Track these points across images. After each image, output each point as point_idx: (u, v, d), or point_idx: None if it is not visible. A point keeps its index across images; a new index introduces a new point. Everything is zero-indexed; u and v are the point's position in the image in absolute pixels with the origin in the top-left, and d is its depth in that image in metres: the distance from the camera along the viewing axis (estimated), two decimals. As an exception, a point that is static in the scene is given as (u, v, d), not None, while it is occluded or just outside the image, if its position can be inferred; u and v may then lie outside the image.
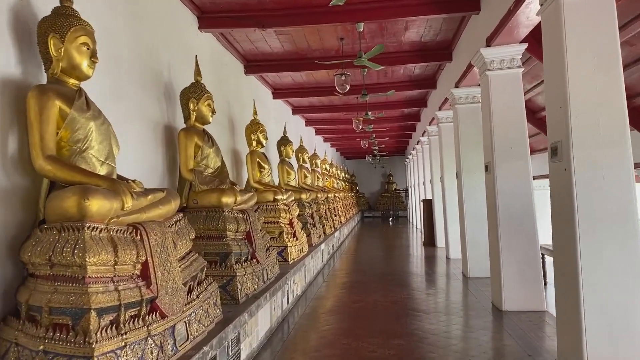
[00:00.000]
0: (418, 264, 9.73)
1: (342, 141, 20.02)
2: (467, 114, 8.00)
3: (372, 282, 7.60)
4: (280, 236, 6.78)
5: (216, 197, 4.65)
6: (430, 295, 6.61)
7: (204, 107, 5.04)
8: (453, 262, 9.44)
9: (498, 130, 5.79)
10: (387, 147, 21.45)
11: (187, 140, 4.89)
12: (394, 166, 29.00)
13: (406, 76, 9.98)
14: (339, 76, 7.23)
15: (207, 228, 4.58)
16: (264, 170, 7.39)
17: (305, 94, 10.61)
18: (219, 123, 6.87)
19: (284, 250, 6.66)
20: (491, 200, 5.95)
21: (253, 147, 7.40)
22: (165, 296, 2.89)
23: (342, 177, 21.91)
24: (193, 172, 4.84)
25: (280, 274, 5.75)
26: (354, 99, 11.75)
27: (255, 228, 5.10)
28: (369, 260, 10.21)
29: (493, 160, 5.79)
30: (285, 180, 9.41)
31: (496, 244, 5.81)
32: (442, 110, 10.01)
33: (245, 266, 4.57)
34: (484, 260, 7.65)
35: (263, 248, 5.21)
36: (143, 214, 3.00)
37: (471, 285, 7.18)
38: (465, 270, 7.96)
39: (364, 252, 11.94)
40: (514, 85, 5.79)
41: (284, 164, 9.45)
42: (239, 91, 8.03)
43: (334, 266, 9.57)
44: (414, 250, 12.08)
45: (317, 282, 7.78)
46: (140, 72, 4.60)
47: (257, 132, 7.35)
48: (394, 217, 26.74)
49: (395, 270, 8.81)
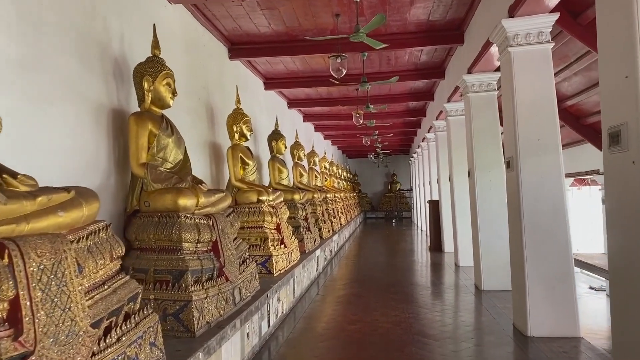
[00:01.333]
0: (424, 273, 8.73)
1: (343, 138, 19.04)
2: (481, 104, 7.00)
3: (372, 296, 6.62)
4: (264, 244, 5.81)
5: (171, 199, 3.68)
6: (439, 315, 5.62)
7: (161, 87, 4.07)
8: (463, 270, 8.44)
9: (523, 119, 4.80)
10: (391, 145, 20.43)
11: (138, 127, 3.93)
12: (398, 165, 27.98)
13: (411, 64, 8.99)
14: (334, 59, 6.25)
15: (158, 238, 3.61)
16: (247, 167, 6.42)
17: (300, 83, 9.63)
18: (194, 110, 5.90)
19: (268, 261, 5.69)
20: (514, 201, 4.96)
21: (235, 140, 6.44)
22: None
23: (344, 176, 20.93)
24: (145, 166, 3.88)
25: (261, 291, 4.78)
26: (354, 90, 10.77)
27: (226, 237, 4.12)
28: (370, 268, 9.23)
29: (516, 155, 4.80)
30: (277, 178, 8.43)
31: (519, 254, 4.82)
32: (452, 102, 9.01)
33: (207, 287, 3.59)
34: (501, 270, 6.67)
35: (236, 261, 4.23)
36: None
37: (486, 301, 6.19)
38: (478, 281, 6.97)
39: (365, 257, 10.96)
40: (542, 63, 4.80)
41: (275, 160, 8.48)
42: (221, 77, 7.07)
43: (331, 274, 8.59)
44: (419, 256, 11.08)
45: (309, 295, 6.80)
46: (76, 41, 3.63)
47: (239, 123, 6.38)
48: (397, 218, 25.72)
49: (398, 280, 7.82)
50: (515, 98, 4.81)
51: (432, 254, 11.16)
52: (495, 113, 7.00)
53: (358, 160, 28.24)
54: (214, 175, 6.50)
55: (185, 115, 5.63)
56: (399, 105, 12.97)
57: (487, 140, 6.92)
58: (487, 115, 6.96)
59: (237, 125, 6.38)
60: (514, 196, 4.92)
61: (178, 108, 5.41)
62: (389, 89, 10.92)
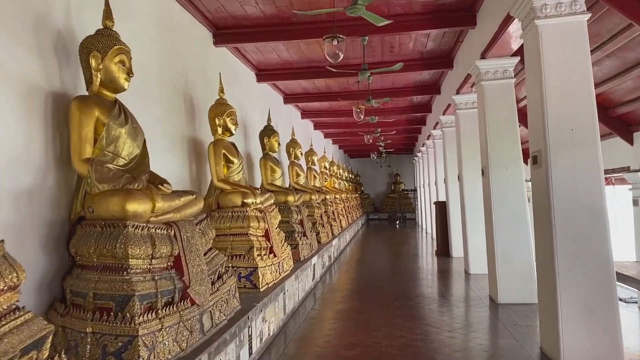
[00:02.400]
0: (431, 282, 7.94)
1: (344, 137, 18.25)
2: (496, 93, 6.22)
3: (374, 311, 5.83)
4: (248, 253, 5.03)
5: (118, 203, 2.91)
6: (451, 335, 4.83)
7: (113, 66, 3.30)
8: (474, 279, 7.65)
9: (554, 106, 4.01)
10: (394, 143, 19.62)
11: (81, 113, 3.16)
12: (401, 165, 27.15)
13: (417, 53, 8.20)
14: (329, 41, 5.46)
15: (100, 253, 2.84)
16: (232, 165, 5.65)
17: (295, 75, 8.86)
18: (168, 101, 5.13)
19: (253, 273, 4.91)
20: (542, 203, 4.17)
21: (218, 135, 5.67)
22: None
23: (345, 176, 20.15)
24: (89, 163, 3.11)
25: (241, 312, 4.00)
26: (354, 83, 9.99)
27: (193, 249, 3.35)
28: (372, 276, 8.44)
29: (546, 149, 4.01)
30: (269, 179, 7.66)
31: (549, 265, 4.04)
32: (461, 93, 8.22)
33: (163, 315, 2.82)
34: (521, 281, 5.91)
35: (206, 278, 3.46)
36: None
37: (504, 317, 5.40)
38: (493, 293, 6.18)
39: (367, 263, 10.17)
40: (577, 38, 4.01)
41: (267, 159, 7.71)
42: (204, 65, 6.30)
43: (330, 283, 7.81)
44: (425, 262, 10.28)
45: (304, 309, 6.02)
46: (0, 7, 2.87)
47: (223, 115, 5.61)
48: (401, 220, 24.91)
49: (403, 291, 7.03)
50: (544, 81, 4.02)
51: (439, 259, 10.37)
52: (512, 103, 6.21)
53: (360, 160, 27.44)
54: (194, 175, 5.73)
55: (157, 105, 4.87)
56: (402, 100, 12.18)
57: (504, 134, 6.13)
58: (503, 105, 6.17)
59: (220, 118, 5.61)
60: (543, 197, 4.13)
61: (148, 97, 4.66)
62: (392, 81, 10.14)
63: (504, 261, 5.99)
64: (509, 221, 6.01)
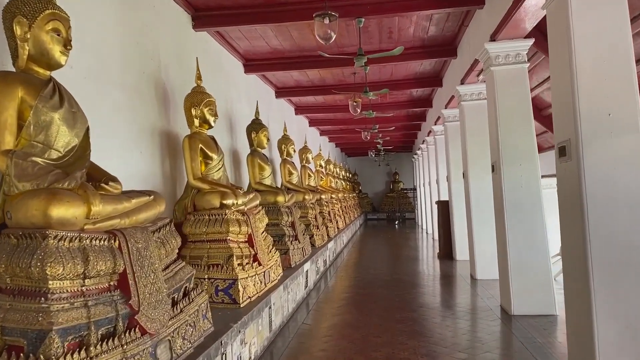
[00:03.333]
0: (435, 289, 7.27)
1: (341, 135, 17.58)
2: (508, 80, 5.56)
3: (372, 326, 5.16)
4: (227, 263, 4.36)
5: (39, 207, 2.23)
6: (463, 357, 4.16)
7: (44, 35, 2.63)
8: (482, 285, 7.00)
9: (587, 86, 3.34)
10: (393, 141, 18.95)
11: (0, 93, 2.49)
12: (400, 164, 26.50)
13: (417, 39, 7.54)
14: (320, 20, 4.80)
15: (13, 273, 2.17)
16: (210, 161, 4.98)
17: (287, 65, 8.18)
18: (133, 87, 4.46)
19: (233, 286, 4.24)
20: (571, 201, 3.51)
21: (195, 127, 5.01)
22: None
23: (342, 175, 19.50)
24: (9, 155, 2.44)
25: (213, 336, 3.34)
26: (350, 75, 9.35)
27: (145, 264, 2.68)
28: (371, 282, 7.78)
29: (577, 138, 3.35)
30: (257, 177, 7.00)
31: (583, 275, 3.38)
32: (466, 84, 7.57)
33: (96, 353, 2.15)
34: (538, 290, 5.29)
35: (164, 300, 2.78)
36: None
37: (520, 331, 4.75)
38: (506, 303, 5.52)
39: (365, 267, 9.51)
40: (613, 3, 3.36)
41: (254, 156, 7.05)
42: (181, 50, 5.62)
43: (325, 291, 7.14)
44: (426, 266, 9.62)
45: (294, 323, 5.36)
46: None
47: (200, 105, 4.95)
48: (400, 220, 24.25)
49: (404, 300, 6.36)
50: (573, 58, 3.35)
51: (441, 262, 9.72)
52: (526, 91, 5.55)
53: (358, 158, 26.78)
54: (167, 173, 5.06)
55: (119, 91, 4.19)
56: (401, 93, 11.52)
57: (517, 126, 5.47)
58: (516, 93, 5.52)
59: (197, 108, 4.94)
60: (572, 194, 3.47)
61: (106, 80, 3.99)
62: (390, 73, 9.48)
63: (518, 268, 5.34)
64: (523, 223, 5.36)
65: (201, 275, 4.32)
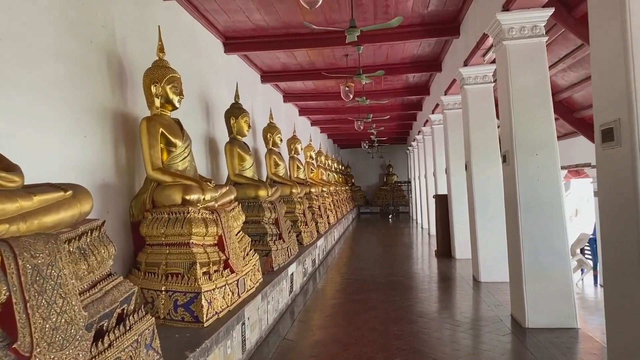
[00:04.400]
0: (435, 295, 6.53)
1: (333, 124, 16.77)
2: (524, 55, 4.80)
3: (365, 342, 4.41)
4: (189, 272, 3.59)
5: None
6: (475, 385, 3.44)
7: None
8: (487, 289, 6.30)
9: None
10: (387, 131, 18.15)
11: None
12: (394, 156, 25.75)
13: (417, 16, 6.74)
14: (304, -20, 4.01)
15: None
16: (174, 149, 4.20)
17: (272, 44, 7.37)
18: (76, 57, 3.65)
19: (195, 300, 3.47)
20: (619, 195, 2.77)
21: (156, 108, 4.22)
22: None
23: (335, 168, 18.73)
24: None
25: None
26: (342, 58, 8.56)
27: (48, 287, 1.90)
28: (364, 286, 7.05)
29: (631, 118, 2.60)
30: (236, 168, 6.22)
31: (633, 290, 2.64)
32: (470, 65, 6.80)
33: None
34: (557, 300, 4.62)
35: (79, 334, 2.01)
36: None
37: (538, 349, 4.04)
38: (519, 313, 4.80)
39: (357, 267, 8.77)
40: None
41: (233, 144, 6.27)
42: (144, 21, 4.80)
43: (313, 296, 6.39)
44: (424, 266, 8.89)
45: (274, 337, 4.60)
46: None
47: (161, 82, 4.17)
48: (394, 214, 23.55)
49: (402, 308, 5.63)
50: (627, 9, 2.59)
51: (439, 261, 9.01)
52: (544, 69, 4.80)
53: (351, 150, 26.01)
54: (123, 163, 4.26)
55: (53, 61, 3.38)
56: (397, 79, 10.73)
57: (534, 109, 4.73)
58: (532, 72, 4.77)
59: (158, 86, 4.15)
60: (622, 187, 2.72)
61: (37, 48, 3.19)
62: (385, 55, 8.69)
63: (534, 273, 4.62)
64: (540, 221, 4.63)
65: (158, 286, 3.56)
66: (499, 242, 6.68)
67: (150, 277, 3.65)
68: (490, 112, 6.90)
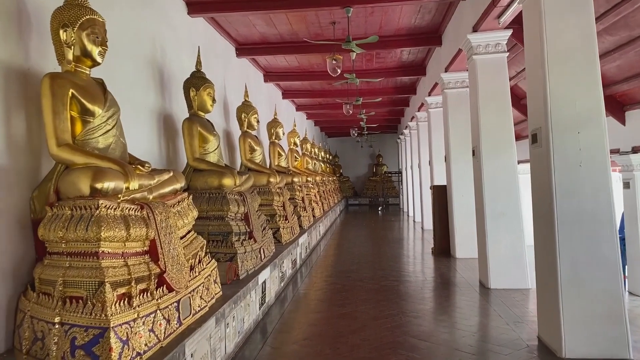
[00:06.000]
0: (439, 309, 5.39)
1: (320, 110, 15.58)
2: (563, 5, 3.69)
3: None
4: (95, 297, 2.43)
5: None
6: None
7: None
8: (500, 298, 5.25)
9: None
10: (377, 118, 16.95)
11: None
12: (384, 145, 24.68)
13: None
14: None
15: None
16: (91, 120, 3.03)
17: (245, 4, 6.18)
18: None
19: (100, 340, 2.32)
20: None
21: (67, 64, 3.04)
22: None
23: (322, 157, 17.60)
24: None
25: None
26: (329, 26, 7.39)
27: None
28: (352, 294, 5.94)
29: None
30: (196, 151, 5.06)
31: None
32: (480, 31, 5.67)
33: None
34: (605, 323, 3.53)
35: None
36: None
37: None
38: (553, 339, 3.73)
39: (344, 269, 7.66)
40: None
41: (193, 122, 5.11)
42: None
43: (291, 307, 5.26)
44: (420, 266, 7.79)
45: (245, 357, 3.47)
46: None
47: (74, 26, 2.97)
48: (384, 206, 22.50)
49: (398, 327, 4.51)
50: None
51: (438, 261, 7.95)
52: (591, 24, 3.69)
53: (339, 139, 24.86)
54: (23, 142, 3.07)
55: None
56: (390, 56, 9.55)
57: (578, 71, 3.63)
58: (577, 23, 3.65)
59: (68, 30, 2.97)
60: None
61: None
62: (379, 24, 7.54)
63: (575, 289, 3.55)
64: (583, 220, 3.55)
65: (50, 316, 2.41)
66: (514, 243, 5.67)
67: (44, 301, 2.50)
68: (503, 87, 5.81)
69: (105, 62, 3.26)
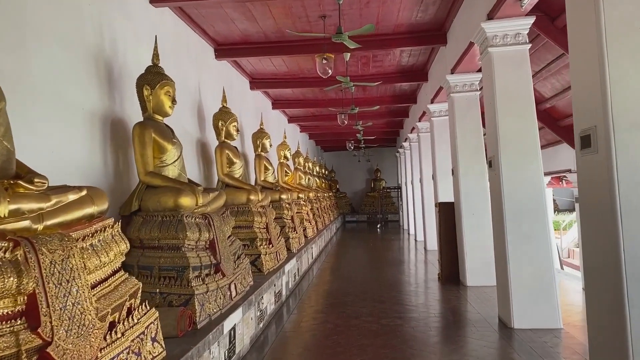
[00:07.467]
0: (450, 354, 4.37)
1: (314, 122, 14.60)
2: None
3: None
4: None
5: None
6: None
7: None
8: (527, 342, 4.22)
9: None
10: (375, 130, 15.94)
11: None
12: (382, 160, 23.72)
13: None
14: None
15: None
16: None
17: None
18: None
19: None
20: None
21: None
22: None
23: (317, 172, 16.62)
24: None
25: None
26: (318, 20, 6.45)
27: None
28: (347, 340, 4.89)
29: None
30: (149, 164, 4.02)
31: None
32: (496, 19, 4.72)
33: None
34: None
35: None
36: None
37: None
38: None
39: (339, 302, 6.59)
40: None
41: (145, 127, 4.06)
42: None
43: (273, 350, 4.21)
44: (427, 298, 6.69)
45: None
46: None
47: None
48: (382, 223, 21.44)
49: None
50: None
51: (446, 289, 6.91)
52: None
53: (335, 153, 23.90)
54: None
55: None
56: (389, 58, 8.63)
57: None
58: None
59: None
60: None
61: None
62: (376, 16, 6.59)
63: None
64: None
65: None
66: (542, 272, 4.65)
67: None
68: (526, 85, 4.85)
69: (21, 43, 2.33)
